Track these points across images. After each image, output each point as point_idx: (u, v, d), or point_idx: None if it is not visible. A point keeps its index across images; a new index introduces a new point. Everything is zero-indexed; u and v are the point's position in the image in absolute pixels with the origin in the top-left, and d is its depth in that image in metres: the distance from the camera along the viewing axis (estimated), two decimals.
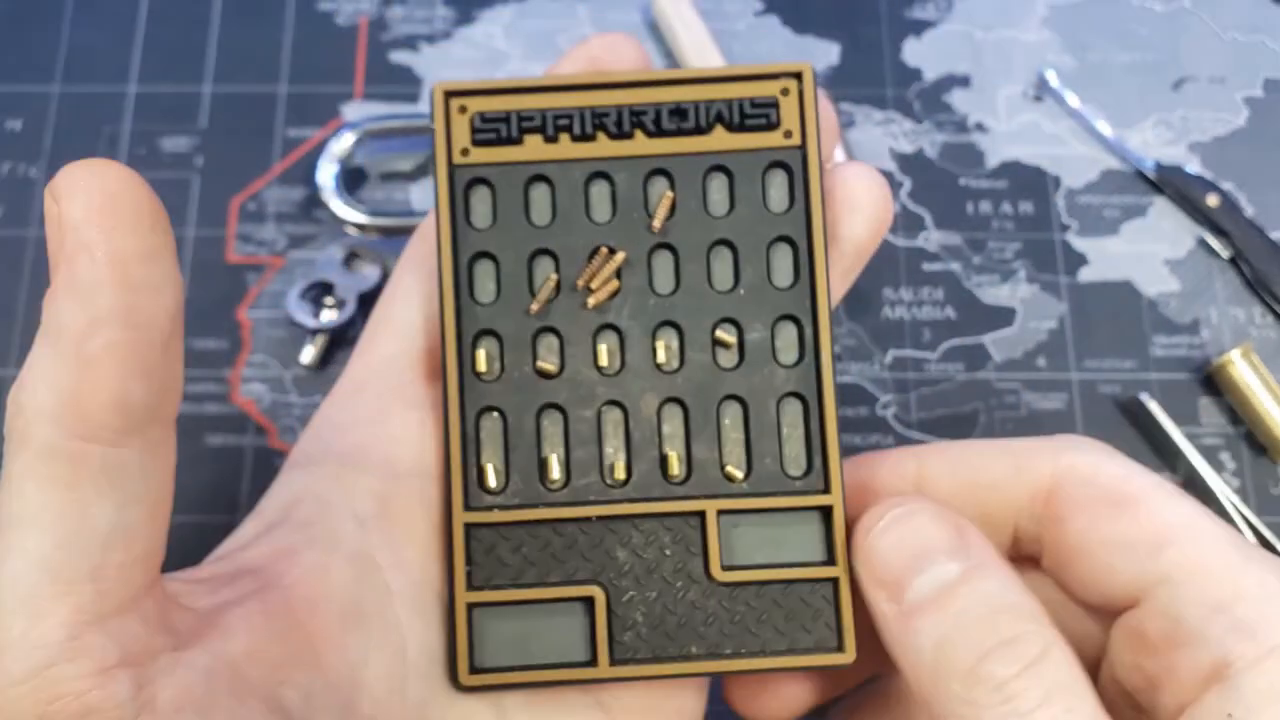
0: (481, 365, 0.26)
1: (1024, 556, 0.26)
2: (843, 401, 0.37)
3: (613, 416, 0.26)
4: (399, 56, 0.42)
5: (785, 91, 0.27)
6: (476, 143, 0.27)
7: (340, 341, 0.38)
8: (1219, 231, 0.39)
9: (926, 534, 0.23)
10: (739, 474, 0.26)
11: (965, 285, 0.39)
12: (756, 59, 0.41)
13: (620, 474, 0.26)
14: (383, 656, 0.24)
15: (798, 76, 0.27)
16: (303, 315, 0.37)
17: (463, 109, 0.27)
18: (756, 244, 0.27)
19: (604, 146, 0.27)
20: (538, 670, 0.25)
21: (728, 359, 0.26)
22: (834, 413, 0.26)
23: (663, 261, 0.27)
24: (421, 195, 0.40)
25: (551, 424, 0.26)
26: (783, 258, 0.27)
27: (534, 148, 0.27)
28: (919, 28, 0.42)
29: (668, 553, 0.26)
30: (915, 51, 0.42)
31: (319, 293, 0.38)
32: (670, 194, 0.27)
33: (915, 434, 0.37)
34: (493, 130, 0.27)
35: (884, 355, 0.38)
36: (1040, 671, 0.21)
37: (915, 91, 0.41)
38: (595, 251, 0.26)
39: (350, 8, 0.42)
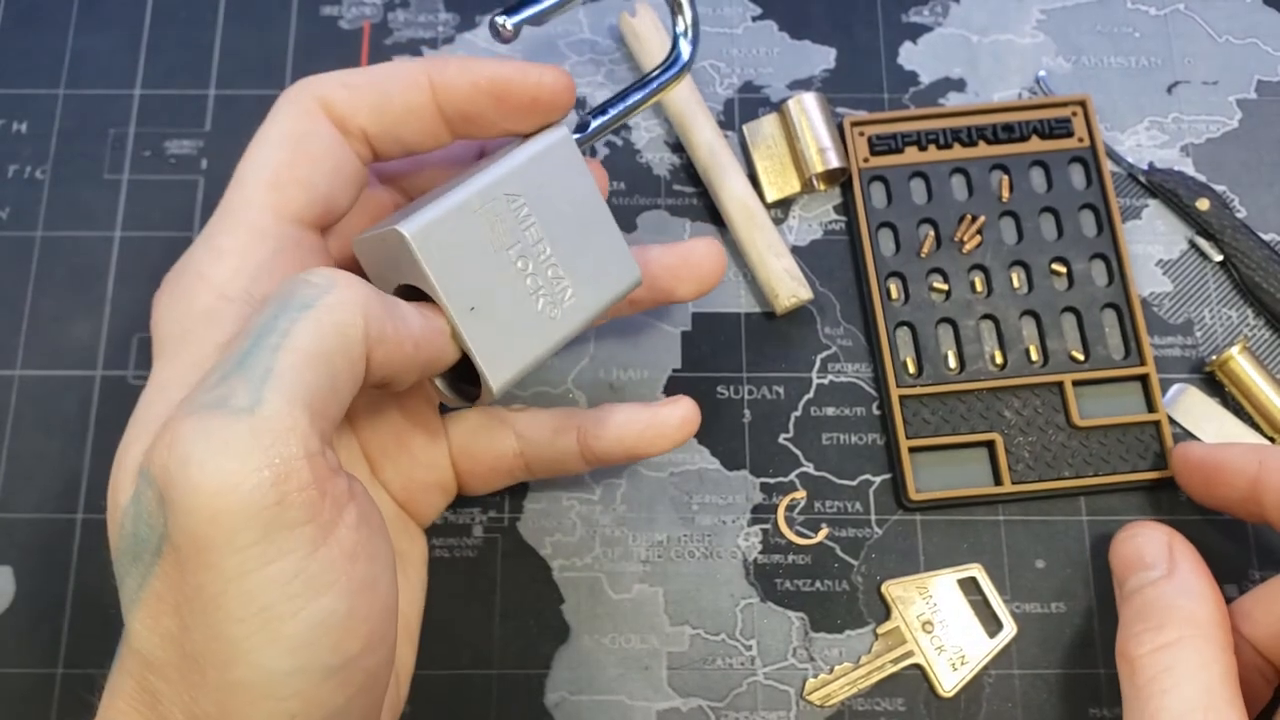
0: (893, 294, 0.38)
1: None
2: (840, 401, 0.38)
3: (988, 324, 0.38)
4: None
5: (1075, 114, 0.40)
6: (873, 153, 0.39)
7: None
8: (1211, 234, 0.39)
9: (1144, 547, 0.32)
10: (1081, 356, 0.37)
11: None
12: (755, 63, 0.42)
13: (999, 361, 0.37)
14: None
15: (1082, 104, 0.40)
16: None
17: (862, 133, 0.39)
18: (1070, 208, 0.39)
19: (959, 152, 0.39)
20: (959, 489, 0.36)
21: (1061, 284, 0.38)
22: (1140, 313, 0.38)
23: (1008, 222, 0.39)
24: None
25: (944, 332, 0.38)
26: (1088, 217, 0.39)
27: (911, 155, 0.39)
28: (915, 32, 0.42)
29: (1039, 411, 0.37)
30: (911, 55, 0.42)
31: None
32: (1007, 177, 0.39)
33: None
34: (884, 145, 0.39)
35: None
36: (1164, 653, 0.29)
37: (911, 95, 0.41)
38: (962, 218, 0.39)
39: (354, 11, 0.43)
